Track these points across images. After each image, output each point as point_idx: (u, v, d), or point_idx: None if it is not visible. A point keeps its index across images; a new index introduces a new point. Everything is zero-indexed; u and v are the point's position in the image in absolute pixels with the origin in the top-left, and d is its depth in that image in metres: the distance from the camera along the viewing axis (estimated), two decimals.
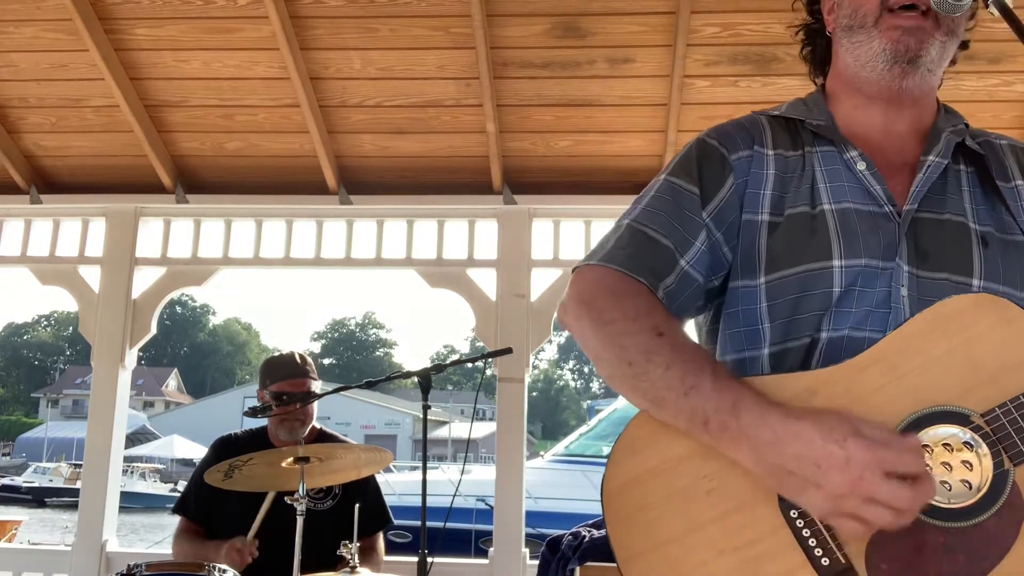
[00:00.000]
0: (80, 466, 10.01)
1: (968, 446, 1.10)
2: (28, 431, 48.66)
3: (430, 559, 2.70)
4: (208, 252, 4.39)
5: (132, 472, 30.77)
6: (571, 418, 63.30)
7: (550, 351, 76.34)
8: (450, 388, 60.53)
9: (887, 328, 1.20)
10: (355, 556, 2.66)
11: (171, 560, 2.97)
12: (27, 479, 31.88)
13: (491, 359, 3.44)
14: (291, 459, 2.76)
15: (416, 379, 2.88)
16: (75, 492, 10.99)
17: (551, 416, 67.53)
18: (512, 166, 4.18)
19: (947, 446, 1.10)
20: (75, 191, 4.41)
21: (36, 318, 74.26)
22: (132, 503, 24.18)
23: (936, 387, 1.11)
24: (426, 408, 2.86)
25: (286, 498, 2.75)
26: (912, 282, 1.22)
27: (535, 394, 64.32)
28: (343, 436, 3.43)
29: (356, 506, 2.82)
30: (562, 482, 8.83)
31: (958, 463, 1.09)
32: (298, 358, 3.29)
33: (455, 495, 3.36)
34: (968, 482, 1.09)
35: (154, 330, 4.34)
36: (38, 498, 29.25)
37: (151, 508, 26.97)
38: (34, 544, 10.90)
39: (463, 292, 4.22)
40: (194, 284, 4.42)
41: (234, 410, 30.76)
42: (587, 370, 75.70)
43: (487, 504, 7.22)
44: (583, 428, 11.13)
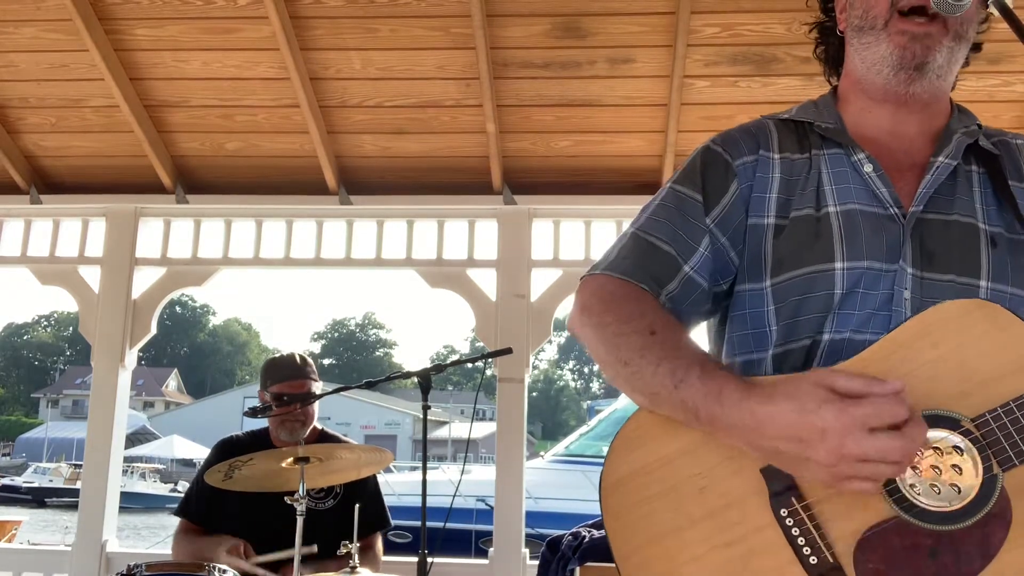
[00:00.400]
0: (80, 466, 10.01)
1: (958, 450, 1.10)
2: (28, 431, 48.68)
3: (430, 559, 2.70)
4: (208, 252, 4.39)
5: (132, 472, 30.79)
6: (571, 418, 63.27)
7: (550, 351, 76.48)
8: (450, 388, 60.53)
9: (888, 331, 1.20)
10: (355, 556, 2.66)
11: (171, 560, 2.97)
12: (27, 479, 31.88)
13: (491, 359, 3.44)
14: (291, 459, 2.76)
15: (416, 379, 2.88)
16: (75, 492, 10.98)
17: (551, 416, 67.50)
18: (512, 166, 4.18)
19: (937, 450, 1.10)
20: (75, 191, 4.41)
21: (36, 318, 74.35)
22: (132, 503, 24.18)
23: (927, 392, 1.12)
24: (426, 408, 2.86)
25: (286, 498, 2.75)
26: (915, 284, 1.22)
27: (535, 394, 64.32)
28: (343, 436, 3.44)
29: (356, 506, 2.82)
30: (562, 482, 8.82)
31: (948, 467, 1.10)
32: (299, 359, 3.29)
33: (455, 495, 3.36)
34: (957, 486, 1.09)
35: (154, 330, 4.34)
36: (38, 498, 29.23)
37: (151, 508, 26.98)
38: (34, 544, 10.89)
39: (463, 292, 4.22)
40: (194, 284, 4.42)
41: (234, 410, 30.80)
42: (587, 370, 75.70)
43: (487, 504, 7.22)
44: (583, 428, 11.11)
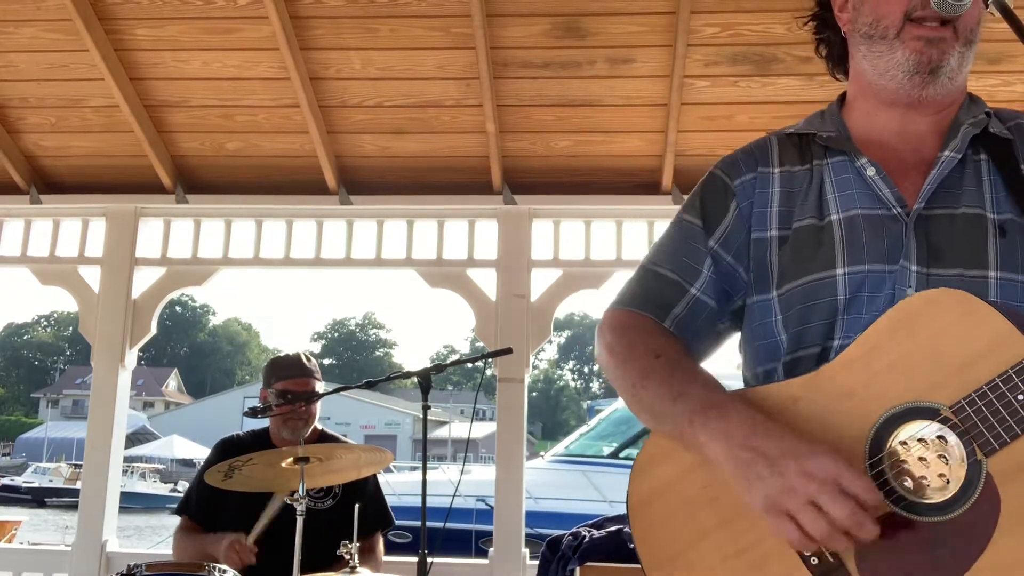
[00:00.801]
0: (80, 466, 10.01)
1: (942, 440, 1.11)
2: (28, 431, 48.64)
3: (430, 559, 2.70)
4: (208, 252, 4.39)
5: (132, 472, 30.77)
6: (571, 418, 63.20)
7: (550, 351, 76.36)
8: (450, 388, 60.48)
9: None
10: (355, 556, 2.66)
11: (171, 560, 2.97)
12: (27, 479, 31.87)
13: (491, 359, 3.44)
14: (291, 459, 2.76)
15: (416, 379, 2.88)
16: (75, 492, 10.97)
17: (551, 416, 67.45)
18: (512, 166, 4.18)
19: (922, 441, 1.11)
20: (75, 191, 4.41)
21: (36, 318, 74.25)
22: (132, 503, 24.15)
23: (905, 385, 1.13)
24: (426, 408, 2.86)
25: (286, 498, 2.75)
26: (921, 282, 1.22)
27: (535, 394, 64.28)
28: (343, 436, 3.44)
29: (356, 506, 2.82)
30: (562, 482, 8.82)
31: (934, 458, 1.11)
32: (304, 358, 3.30)
33: (455, 495, 3.36)
34: (945, 476, 1.10)
35: (154, 330, 4.34)
36: (38, 498, 29.22)
37: (151, 508, 26.95)
38: (34, 544, 10.89)
39: (463, 292, 4.22)
40: (194, 284, 4.42)
41: (234, 410, 30.78)
42: (587, 370, 75.63)
43: (487, 504, 7.22)
44: (583, 428, 11.11)
